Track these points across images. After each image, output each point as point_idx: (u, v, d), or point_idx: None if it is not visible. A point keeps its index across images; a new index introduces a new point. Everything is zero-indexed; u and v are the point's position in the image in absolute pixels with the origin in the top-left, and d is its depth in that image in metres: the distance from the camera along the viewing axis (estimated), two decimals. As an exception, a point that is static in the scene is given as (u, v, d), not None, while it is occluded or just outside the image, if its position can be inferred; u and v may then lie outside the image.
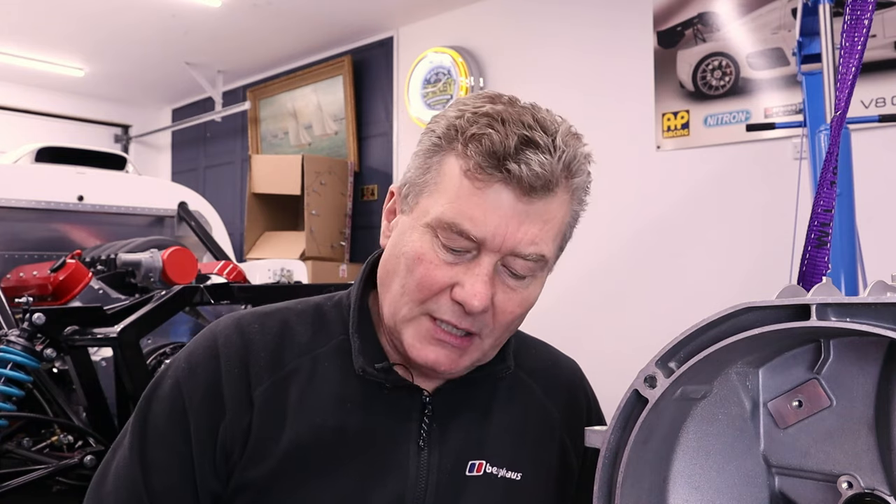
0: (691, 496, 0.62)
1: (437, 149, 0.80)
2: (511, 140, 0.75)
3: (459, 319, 0.79)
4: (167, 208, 3.35)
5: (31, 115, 6.28)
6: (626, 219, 3.66)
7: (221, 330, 0.88)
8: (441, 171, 0.79)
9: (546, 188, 0.76)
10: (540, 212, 0.77)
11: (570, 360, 1.02)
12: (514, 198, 0.76)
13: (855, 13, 0.95)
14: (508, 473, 0.88)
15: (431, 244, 0.78)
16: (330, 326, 0.89)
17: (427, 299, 0.79)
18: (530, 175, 0.75)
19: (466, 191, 0.76)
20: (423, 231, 0.79)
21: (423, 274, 0.78)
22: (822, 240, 0.87)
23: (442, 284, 0.78)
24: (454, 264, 0.78)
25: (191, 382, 0.84)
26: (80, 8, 4.54)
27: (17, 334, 1.88)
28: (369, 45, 5.05)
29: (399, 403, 0.86)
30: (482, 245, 0.77)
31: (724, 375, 0.61)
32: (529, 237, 0.77)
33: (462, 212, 0.76)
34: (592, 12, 3.85)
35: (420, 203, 0.81)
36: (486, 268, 0.77)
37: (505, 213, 0.76)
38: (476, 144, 0.76)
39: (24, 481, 1.81)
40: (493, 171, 0.75)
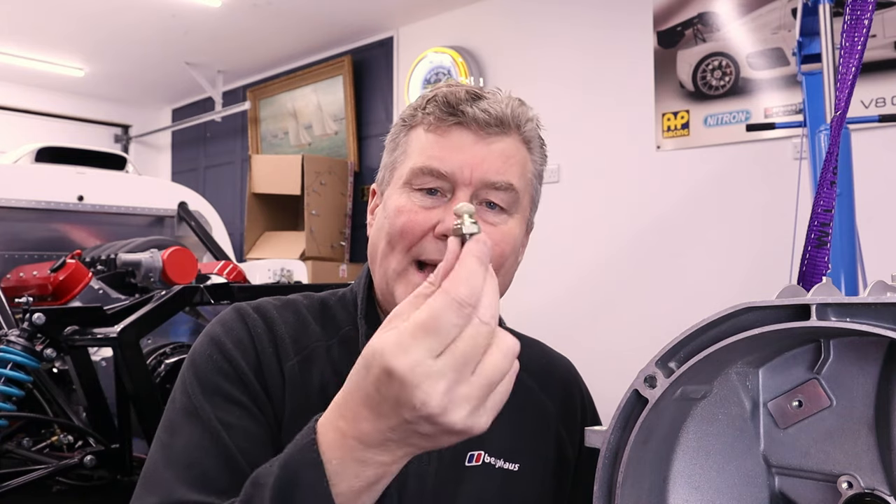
0: (691, 496, 0.62)
1: (403, 128, 0.90)
2: (461, 93, 0.86)
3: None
4: (167, 208, 3.35)
5: (31, 115, 6.29)
6: (626, 219, 3.66)
7: (245, 312, 0.89)
8: (408, 142, 0.89)
9: (500, 126, 0.86)
10: (500, 147, 0.86)
11: (563, 358, 1.04)
12: (473, 135, 0.85)
13: (855, 13, 0.95)
14: (506, 464, 0.89)
15: (409, 196, 0.85)
16: (335, 320, 0.92)
17: (413, 244, 0.84)
18: (484, 115, 0.85)
19: (431, 141, 0.86)
20: (401, 190, 0.86)
21: (405, 220, 0.84)
22: (822, 240, 0.87)
23: (424, 226, 0.83)
24: (433, 207, 0.84)
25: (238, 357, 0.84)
26: (80, 8, 4.54)
27: (17, 334, 1.88)
28: (369, 45, 5.05)
29: None
30: (454, 181, 0.84)
31: (724, 375, 0.61)
32: (495, 168, 0.85)
33: (430, 156, 0.85)
34: (592, 12, 3.85)
35: (395, 174, 0.89)
36: (462, 199, 0.83)
37: (468, 149, 0.85)
38: (432, 103, 0.87)
39: (24, 481, 1.81)
40: (449, 117, 0.85)
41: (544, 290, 3.73)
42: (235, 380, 0.83)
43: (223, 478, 0.76)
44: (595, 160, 3.79)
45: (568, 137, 3.79)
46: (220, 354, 0.84)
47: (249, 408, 0.81)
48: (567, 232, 3.80)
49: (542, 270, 3.69)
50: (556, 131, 3.94)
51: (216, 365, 0.84)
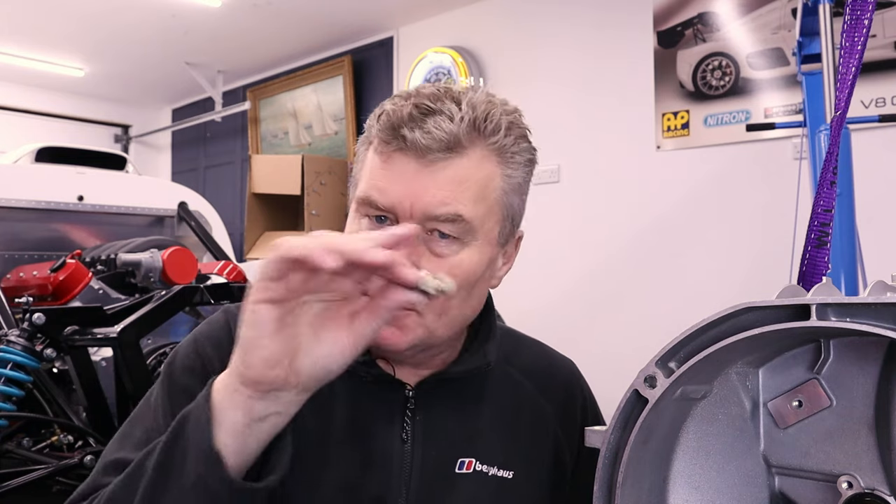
0: (691, 496, 0.62)
1: (363, 141, 0.85)
2: (406, 110, 0.78)
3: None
4: (167, 208, 3.35)
5: (31, 115, 6.28)
6: (626, 219, 3.66)
7: (232, 315, 0.89)
8: (364, 159, 0.83)
9: (448, 149, 0.78)
10: (447, 174, 0.78)
11: (566, 360, 1.02)
12: (415, 163, 0.78)
13: (855, 13, 0.95)
14: (500, 472, 0.87)
15: (358, 224, 0.81)
16: None
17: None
18: (426, 139, 0.77)
19: (376, 166, 0.80)
20: (353, 215, 0.83)
21: None
22: (822, 240, 0.87)
23: None
24: None
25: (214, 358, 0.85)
26: (80, 8, 4.54)
27: (17, 334, 1.88)
28: (369, 45, 5.05)
29: (382, 397, 0.86)
30: (395, 214, 0.79)
31: (724, 375, 0.61)
32: (439, 198, 0.78)
33: (372, 185, 0.80)
34: (592, 12, 3.85)
35: (354, 193, 0.85)
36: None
37: (409, 179, 0.78)
38: (381, 121, 0.80)
39: (24, 481, 1.81)
40: (392, 141, 0.78)
41: (544, 290, 3.73)
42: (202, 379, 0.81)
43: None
44: (595, 160, 3.79)
45: (568, 137, 3.79)
46: (195, 354, 0.86)
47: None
48: (567, 232, 3.80)
49: (542, 270, 3.69)
50: (556, 131, 3.97)
51: (188, 363, 0.85)
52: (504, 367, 0.93)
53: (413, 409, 0.86)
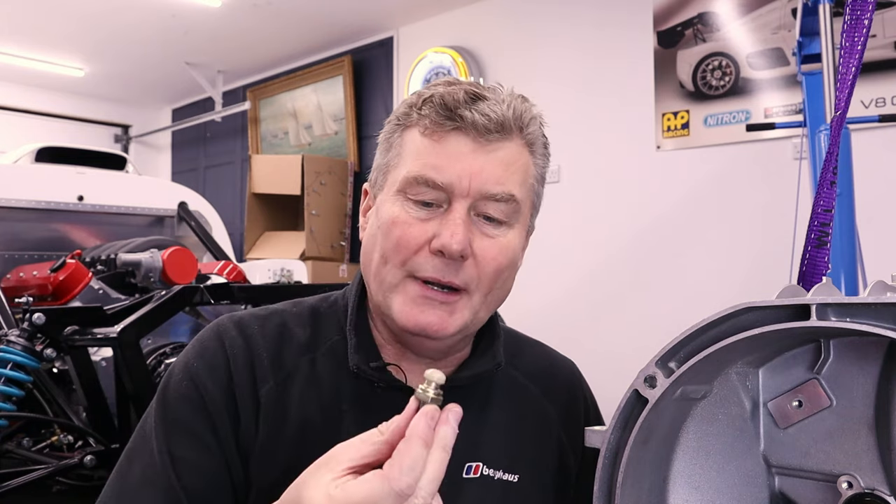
0: (691, 496, 0.62)
1: (397, 127, 0.84)
2: (459, 94, 0.80)
3: (443, 273, 0.79)
4: (167, 208, 3.35)
5: (31, 115, 6.29)
6: (626, 219, 3.66)
7: (224, 329, 0.87)
8: (402, 144, 0.83)
9: (501, 131, 0.80)
10: (500, 155, 0.80)
11: (566, 361, 1.02)
12: (472, 142, 0.79)
13: (855, 13, 0.95)
14: (505, 475, 0.87)
15: (403, 206, 0.80)
16: (325, 328, 0.89)
17: (408, 259, 0.80)
18: (483, 119, 0.79)
19: (427, 147, 0.80)
20: (395, 198, 0.81)
21: (400, 234, 0.80)
22: (822, 240, 0.87)
23: (419, 240, 0.79)
24: (428, 220, 0.80)
25: (209, 383, 0.83)
26: (80, 8, 4.54)
27: (17, 334, 1.88)
28: (369, 45, 5.05)
29: (393, 404, 0.83)
30: (450, 192, 0.79)
31: (724, 375, 0.61)
32: (494, 177, 0.80)
33: (425, 164, 0.79)
34: (592, 12, 3.85)
35: (388, 179, 0.84)
36: (460, 213, 0.79)
37: (466, 157, 0.79)
38: (428, 104, 0.81)
39: (24, 481, 1.81)
40: (446, 122, 0.79)
41: (544, 290, 3.73)
42: (199, 410, 0.81)
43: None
44: (595, 160, 3.79)
45: (568, 137, 3.79)
46: (189, 381, 0.83)
47: (207, 441, 0.80)
48: (567, 232, 3.80)
49: (542, 271, 3.69)
50: (556, 131, 3.95)
51: (183, 393, 0.82)
52: (508, 370, 0.92)
53: None
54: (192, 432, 0.80)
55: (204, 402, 0.81)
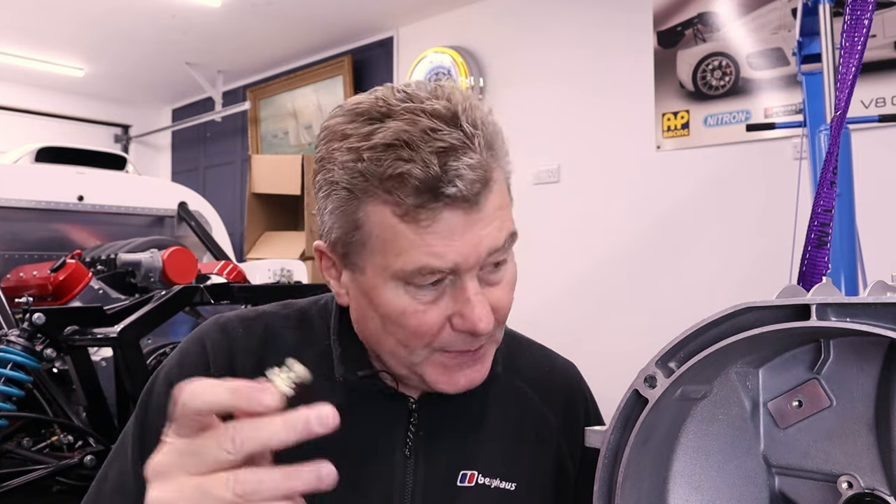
0: (691, 496, 0.62)
1: (353, 200, 0.73)
2: (432, 164, 0.68)
3: (472, 343, 0.78)
4: (167, 208, 3.35)
5: (31, 115, 6.29)
6: (626, 219, 3.66)
7: (207, 333, 0.86)
8: (374, 223, 0.73)
9: (486, 184, 0.72)
10: (491, 207, 0.74)
11: (566, 363, 1.00)
12: (463, 214, 0.71)
13: (855, 13, 0.95)
14: (502, 484, 0.85)
15: (406, 293, 0.74)
16: (315, 332, 0.87)
17: (432, 341, 0.76)
18: (469, 186, 0.70)
19: (415, 234, 0.71)
20: (393, 286, 0.74)
21: (417, 324, 0.75)
22: (822, 240, 0.87)
23: (439, 325, 0.75)
24: (439, 299, 0.75)
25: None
26: (80, 8, 4.54)
27: (17, 334, 1.88)
28: (369, 45, 5.05)
29: (384, 412, 0.84)
30: (457, 271, 0.73)
31: (724, 375, 0.61)
32: (494, 231, 0.74)
33: (422, 254, 0.71)
34: (592, 12, 3.85)
35: (369, 262, 0.75)
36: (473, 287, 0.74)
37: (463, 232, 0.72)
38: (401, 188, 0.69)
39: (24, 481, 1.81)
40: (433, 205, 0.70)
41: (543, 290, 3.73)
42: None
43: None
44: (595, 160, 3.79)
45: (568, 137, 3.79)
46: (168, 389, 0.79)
47: None
48: (567, 232, 3.80)
49: (542, 271, 3.69)
50: (555, 131, 3.97)
51: (162, 402, 0.80)
52: (506, 374, 0.91)
53: (416, 423, 0.84)
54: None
55: None
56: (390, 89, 0.76)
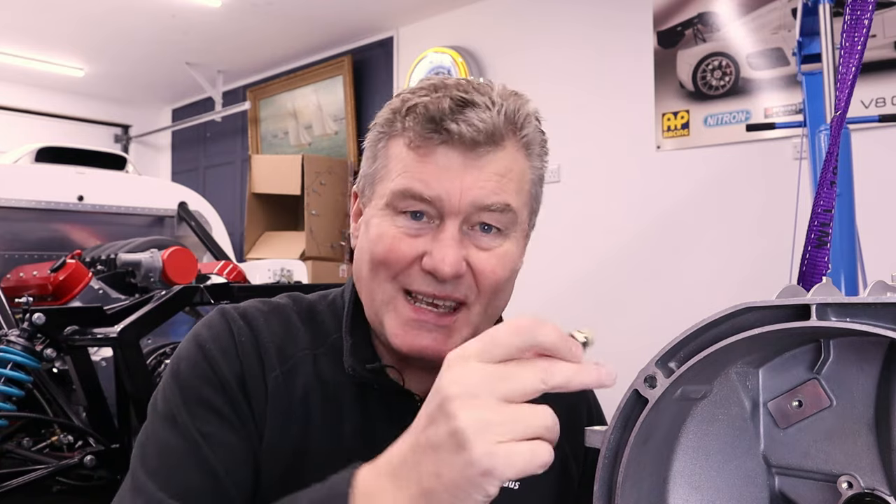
0: (691, 496, 0.62)
1: (382, 136, 0.81)
2: (445, 102, 0.75)
3: (436, 288, 0.77)
4: (167, 208, 3.35)
5: (31, 115, 6.29)
6: (626, 219, 3.66)
7: (231, 317, 0.85)
8: (388, 155, 0.79)
9: (491, 141, 0.76)
10: (492, 166, 0.76)
11: None
12: (460, 156, 0.75)
13: (855, 13, 0.95)
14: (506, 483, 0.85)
15: (392, 220, 0.77)
16: (324, 326, 0.87)
17: (398, 273, 0.77)
18: (471, 131, 0.74)
19: (413, 161, 0.76)
20: (383, 212, 0.78)
21: (388, 247, 0.77)
22: (822, 240, 0.87)
23: (408, 255, 0.76)
24: (418, 235, 0.77)
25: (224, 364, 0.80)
26: (80, 8, 4.54)
27: (17, 334, 1.88)
28: (369, 45, 5.05)
29: (392, 407, 0.83)
30: (440, 208, 0.75)
31: (724, 375, 0.61)
32: (489, 188, 0.76)
33: (412, 177, 0.76)
34: (592, 12, 3.85)
35: (375, 191, 0.81)
36: (451, 230, 0.76)
37: (456, 173, 0.75)
38: (412, 115, 0.76)
39: (24, 481, 1.81)
40: (432, 135, 0.75)
41: (543, 290, 3.72)
42: (218, 388, 0.79)
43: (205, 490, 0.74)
44: (595, 160, 3.79)
45: (568, 137, 3.79)
46: (204, 361, 0.80)
47: (230, 418, 0.78)
48: (567, 232, 3.80)
49: (542, 271, 3.69)
50: (555, 131, 3.97)
51: (200, 371, 0.80)
52: None
53: None
54: (217, 411, 0.78)
55: (221, 382, 0.79)
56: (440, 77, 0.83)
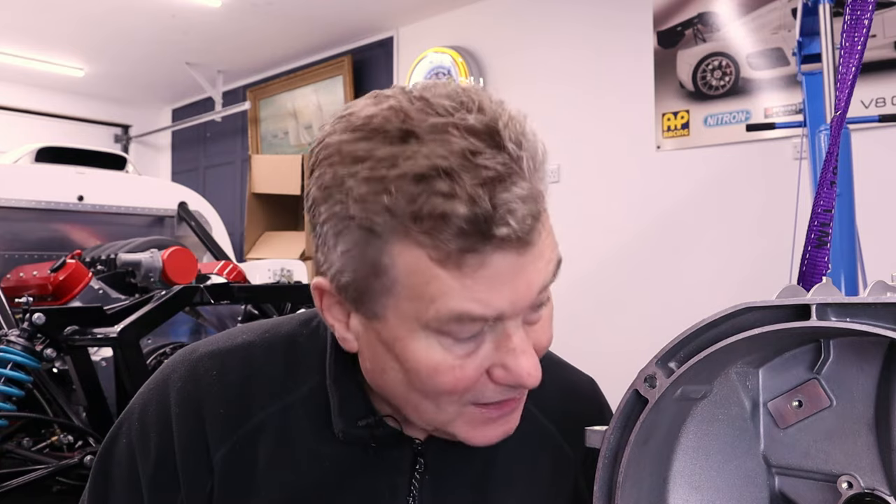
0: (691, 496, 0.62)
1: (374, 240, 0.59)
2: (482, 198, 0.56)
3: (510, 394, 0.67)
4: (167, 208, 3.35)
5: (31, 115, 6.29)
6: (626, 219, 3.66)
7: (175, 379, 0.75)
8: (403, 269, 0.59)
9: (537, 217, 0.60)
10: (541, 245, 0.62)
11: (587, 383, 0.90)
12: (516, 255, 0.59)
13: (855, 13, 0.95)
14: None
15: (441, 346, 0.62)
16: (304, 364, 0.76)
17: (465, 395, 0.66)
18: (522, 224, 0.58)
19: (455, 280, 0.59)
20: (424, 336, 0.62)
21: (452, 380, 0.63)
22: (822, 240, 0.86)
23: (477, 377, 0.64)
24: (477, 351, 0.63)
25: (143, 447, 0.74)
26: (80, 8, 4.54)
27: (17, 334, 1.88)
28: (369, 45, 5.05)
29: (386, 456, 0.74)
30: (502, 317, 0.62)
31: (724, 375, 0.61)
32: (545, 269, 0.63)
33: (464, 300, 0.59)
34: (592, 12, 3.85)
35: (392, 308, 0.62)
36: (521, 337, 0.63)
37: (514, 276, 0.60)
38: (443, 230, 0.56)
39: (24, 481, 1.81)
40: (481, 248, 0.57)
41: (544, 290, 3.73)
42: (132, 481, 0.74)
43: None
44: (595, 160, 3.79)
45: (568, 137, 3.79)
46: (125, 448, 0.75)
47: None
48: (567, 232, 3.77)
49: (542, 270, 3.68)
50: (556, 131, 3.97)
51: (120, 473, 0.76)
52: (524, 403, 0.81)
53: (422, 469, 0.75)
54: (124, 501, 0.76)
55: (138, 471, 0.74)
56: (405, 95, 0.62)
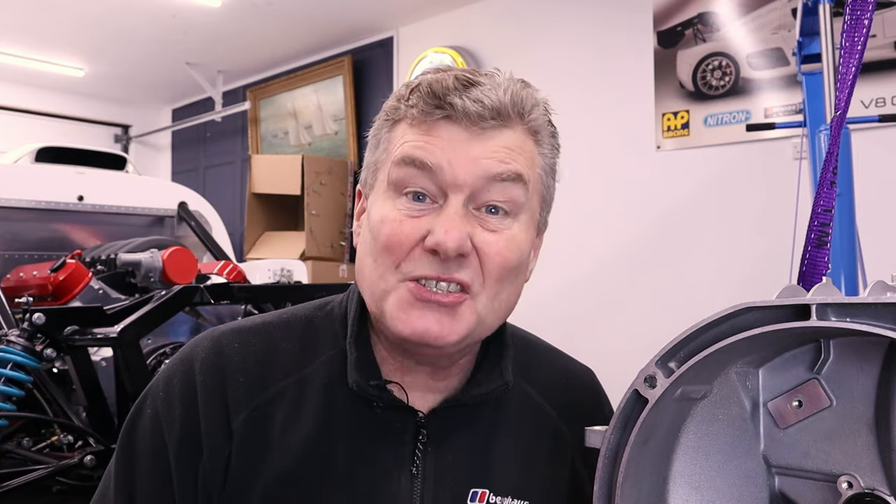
0: (691, 496, 0.62)
1: (386, 123, 0.78)
2: (449, 80, 0.73)
3: (440, 270, 0.72)
4: (167, 208, 3.35)
5: (31, 115, 6.28)
6: (626, 219, 3.66)
7: (199, 351, 0.81)
8: (391, 139, 0.76)
9: (497, 118, 0.73)
10: (498, 141, 0.73)
11: (584, 371, 0.96)
12: (464, 131, 0.72)
13: (855, 13, 0.95)
14: (514, 501, 0.81)
15: (393, 203, 0.74)
16: (319, 341, 0.83)
17: (401, 260, 0.73)
18: (476, 106, 0.72)
19: (414, 133, 0.74)
20: (385, 195, 0.75)
21: (390, 232, 0.72)
22: (822, 240, 0.86)
23: (412, 238, 0.72)
24: (421, 216, 0.73)
25: (168, 416, 0.78)
26: (80, 8, 4.54)
27: (17, 334, 1.88)
28: (369, 45, 5.05)
29: (391, 426, 0.79)
30: (443, 182, 0.72)
31: (724, 375, 0.61)
32: (497, 157, 0.73)
33: (412, 146, 0.73)
34: (592, 12, 3.85)
35: (378, 177, 0.77)
36: (455, 206, 0.72)
37: (460, 146, 0.72)
38: (416, 93, 0.74)
39: (24, 481, 1.81)
40: (434, 110, 0.73)
41: (543, 290, 3.72)
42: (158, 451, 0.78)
43: None
44: (595, 160, 3.79)
45: (568, 137, 3.77)
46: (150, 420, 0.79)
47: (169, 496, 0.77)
48: (566, 232, 3.79)
49: (542, 270, 3.67)
50: (556, 131, 3.96)
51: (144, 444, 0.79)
52: (520, 384, 0.86)
53: (425, 441, 0.79)
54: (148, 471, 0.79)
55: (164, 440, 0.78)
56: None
